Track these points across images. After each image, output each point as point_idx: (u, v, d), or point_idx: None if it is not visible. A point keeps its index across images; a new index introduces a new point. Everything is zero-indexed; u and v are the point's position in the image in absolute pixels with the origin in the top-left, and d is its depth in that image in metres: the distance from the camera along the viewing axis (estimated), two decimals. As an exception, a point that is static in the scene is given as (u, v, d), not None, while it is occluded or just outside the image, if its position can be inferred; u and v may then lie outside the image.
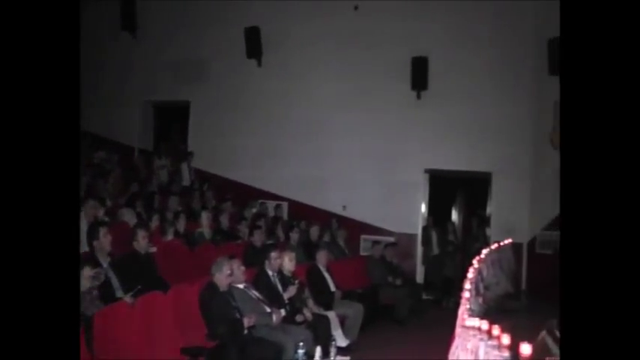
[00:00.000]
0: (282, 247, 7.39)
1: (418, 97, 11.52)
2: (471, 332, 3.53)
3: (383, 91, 11.61)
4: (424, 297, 10.32)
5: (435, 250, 10.91)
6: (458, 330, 4.40)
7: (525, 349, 2.27)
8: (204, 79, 12.62)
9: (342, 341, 6.44)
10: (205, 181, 11.80)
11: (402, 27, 11.44)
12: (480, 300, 6.32)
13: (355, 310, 7.26)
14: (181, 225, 7.93)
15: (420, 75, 11.38)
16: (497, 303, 7.36)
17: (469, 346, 3.55)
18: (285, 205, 11.79)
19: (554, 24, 11.04)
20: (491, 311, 6.53)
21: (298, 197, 11.84)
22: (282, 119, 12.10)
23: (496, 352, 2.73)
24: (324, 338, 5.51)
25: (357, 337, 7.08)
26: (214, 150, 12.52)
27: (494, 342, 2.82)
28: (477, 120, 11.13)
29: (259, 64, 12.26)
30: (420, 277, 11.26)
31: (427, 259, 11.09)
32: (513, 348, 2.54)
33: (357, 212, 11.55)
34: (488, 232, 11.27)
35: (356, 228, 11.28)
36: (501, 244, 8.73)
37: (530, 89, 11.05)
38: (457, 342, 4.28)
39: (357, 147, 11.69)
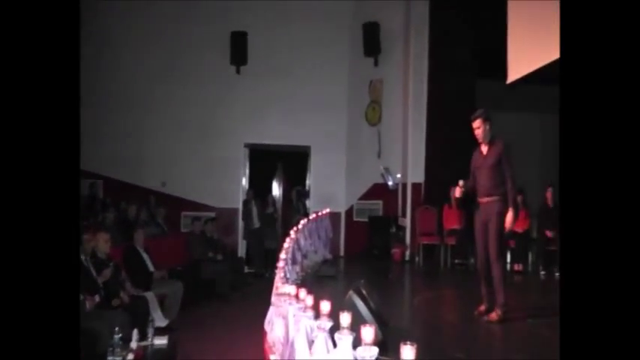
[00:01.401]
0: (96, 228, 7.02)
1: (237, 71, 11.58)
2: (283, 299, 3.73)
3: (202, 65, 11.47)
4: (246, 270, 10.52)
5: (256, 224, 11.13)
6: (273, 298, 4.60)
7: (324, 306, 2.47)
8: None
9: (161, 321, 6.34)
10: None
11: (221, 1, 11.34)
12: (298, 268, 6.61)
13: (175, 289, 7.18)
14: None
15: (239, 50, 11.43)
16: (314, 270, 7.74)
17: (281, 311, 3.75)
18: (100, 183, 11.17)
19: (369, 9, 11.81)
20: (308, 278, 6.88)
21: (114, 174, 11.28)
22: (94, 91, 11.34)
23: (302, 314, 2.93)
24: (142, 320, 5.39)
25: (177, 316, 7.02)
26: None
27: (301, 304, 3.03)
28: (296, 95, 11.51)
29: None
30: (241, 251, 11.44)
31: (248, 233, 11.28)
32: (317, 307, 2.73)
33: (177, 188, 11.36)
34: (308, 203, 11.80)
35: (176, 204, 11.10)
36: (320, 214, 9.16)
37: (346, 68, 11.74)
38: (271, 309, 4.48)
39: (175, 122, 11.44)
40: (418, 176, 10.31)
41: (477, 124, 5.38)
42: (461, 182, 5.47)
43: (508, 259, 9.07)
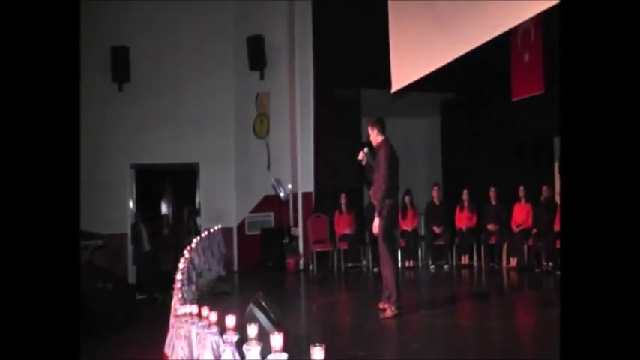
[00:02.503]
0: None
1: (120, 89, 11.16)
2: (184, 319, 3.66)
3: (82, 82, 10.85)
4: (138, 297, 10.12)
5: (147, 247, 10.75)
6: (172, 320, 4.49)
7: (229, 320, 2.48)
8: None
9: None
10: None
11: (101, 16, 10.84)
12: (193, 287, 6.49)
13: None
14: None
15: (121, 65, 11.00)
16: (210, 287, 7.64)
17: (182, 332, 3.68)
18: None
19: (253, 22, 11.80)
20: (204, 296, 6.78)
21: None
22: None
23: (207, 331, 2.91)
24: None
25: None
26: None
27: (205, 322, 3.01)
28: (181, 112, 11.30)
29: None
30: (132, 277, 11.00)
31: (138, 257, 10.86)
32: (221, 323, 2.73)
33: (59, 216, 10.69)
34: (199, 221, 11.60)
35: (58, 234, 10.43)
36: (211, 230, 9.05)
37: (232, 82, 11.68)
38: (171, 332, 4.37)
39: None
40: (308, 186, 10.46)
41: (368, 130, 5.66)
42: (366, 149, 5.73)
43: (399, 257, 9.49)
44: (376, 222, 5.46)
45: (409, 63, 6.14)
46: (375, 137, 5.65)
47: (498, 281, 8.32)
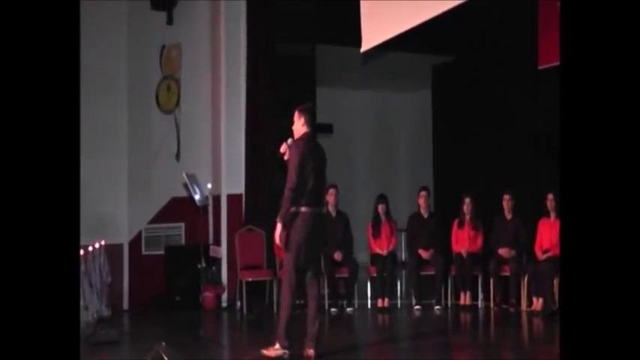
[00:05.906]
0: None
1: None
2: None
3: None
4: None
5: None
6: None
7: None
8: None
9: None
10: None
11: None
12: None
13: None
14: None
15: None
16: (87, 335, 7.51)
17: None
18: None
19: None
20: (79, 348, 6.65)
21: None
22: None
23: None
24: None
25: None
26: None
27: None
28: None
29: None
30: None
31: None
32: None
33: None
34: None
35: None
36: (90, 248, 8.87)
37: (125, 26, 11.61)
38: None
39: None
40: (236, 185, 10.49)
41: (294, 117, 6.43)
42: (289, 140, 6.36)
43: (368, 292, 9.52)
44: (278, 228, 6.12)
45: (387, 11, 6.14)
46: (300, 128, 6.34)
47: (515, 331, 8.39)
